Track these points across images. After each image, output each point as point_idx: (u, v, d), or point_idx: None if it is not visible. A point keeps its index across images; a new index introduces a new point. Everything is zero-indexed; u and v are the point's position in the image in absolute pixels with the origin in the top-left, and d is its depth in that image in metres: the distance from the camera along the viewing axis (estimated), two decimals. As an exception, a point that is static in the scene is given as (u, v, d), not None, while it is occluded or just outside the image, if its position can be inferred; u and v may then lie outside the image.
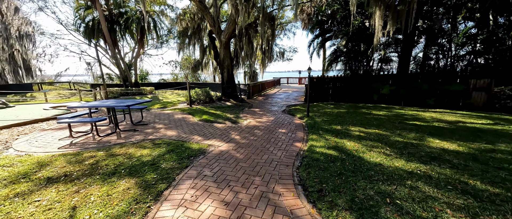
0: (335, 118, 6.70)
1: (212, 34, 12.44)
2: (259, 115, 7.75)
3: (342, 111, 8.06)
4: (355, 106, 9.29)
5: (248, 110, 8.97)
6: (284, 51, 19.68)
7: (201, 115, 7.68)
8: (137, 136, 5.15)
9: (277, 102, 11.18)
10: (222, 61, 11.89)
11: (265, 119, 7.10)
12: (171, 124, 6.44)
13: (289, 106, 9.90)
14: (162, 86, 22.87)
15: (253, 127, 6.00)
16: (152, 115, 7.98)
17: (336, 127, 5.64)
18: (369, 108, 8.61)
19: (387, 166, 3.19)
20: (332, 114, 7.42)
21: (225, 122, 6.60)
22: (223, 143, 4.63)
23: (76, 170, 3.31)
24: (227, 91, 12.17)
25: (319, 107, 9.02)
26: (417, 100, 9.81)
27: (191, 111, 8.59)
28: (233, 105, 10.04)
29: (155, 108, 9.86)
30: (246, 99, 12.24)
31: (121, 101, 5.72)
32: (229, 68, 12.02)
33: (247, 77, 22.83)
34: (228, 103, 10.65)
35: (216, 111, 8.52)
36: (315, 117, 6.94)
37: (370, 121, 6.22)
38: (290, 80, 24.25)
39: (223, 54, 11.73)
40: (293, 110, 8.71)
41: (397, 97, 10.11)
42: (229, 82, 12.13)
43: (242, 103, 10.89)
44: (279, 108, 9.30)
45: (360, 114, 7.47)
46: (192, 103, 10.71)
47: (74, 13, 16.64)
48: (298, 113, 7.93)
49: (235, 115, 7.84)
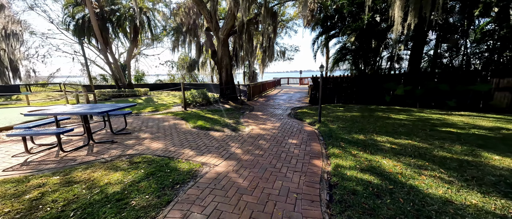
0: (352, 124, 5.66)
1: (209, 31, 11.37)
2: (262, 120, 6.69)
3: (356, 115, 7.03)
4: (367, 109, 8.27)
5: (249, 113, 7.91)
6: (285, 50, 18.65)
7: (196, 120, 6.60)
8: (113, 150, 4.06)
9: (280, 104, 10.14)
10: (220, 60, 10.82)
11: (270, 125, 6.04)
12: (160, 132, 5.36)
13: (294, 109, 8.86)
14: (158, 87, 21.73)
15: (257, 136, 4.94)
16: (139, 120, 6.88)
17: (358, 136, 4.60)
18: (385, 111, 7.59)
19: (461, 205, 2.15)
20: (345, 119, 6.38)
21: (223, 130, 5.53)
22: (220, 159, 3.57)
23: (1, 214, 2.22)
24: (225, 93, 11.10)
25: (328, 111, 7.99)
26: (435, 101, 8.82)
27: (185, 115, 7.50)
28: (232, 109, 8.97)
29: (146, 112, 8.75)
30: (246, 101, 11.18)
31: (95, 107, 4.63)
32: (228, 68, 10.95)
33: (246, 78, 21.77)
34: (227, 106, 9.58)
35: (213, 115, 7.45)
36: (328, 123, 5.90)
37: (395, 128, 5.19)
38: (291, 81, 23.23)
39: (221, 53, 10.66)
40: (300, 113, 7.66)
41: (413, 99, 9.11)
42: (228, 83, 11.05)
43: (242, 106, 9.83)
44: (284, 111, 8.25)
45: (377, 118, 6.44)
46: (187, 106, 9.62)
47: (63, 10, 15.46)
48: (307, 117, 6.88)
49: (235, 120, 6.78)
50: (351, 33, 9.96)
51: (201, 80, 25.84)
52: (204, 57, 15.26)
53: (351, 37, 9.72)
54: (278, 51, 17.70)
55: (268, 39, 12.35)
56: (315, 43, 12.93)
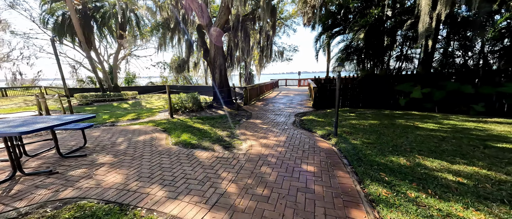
0: (378, 138, 4.38)
1: (201, 29, 9.99)
2: (262, 131, 5.35)
3: (374, 123, 5.76)
4: (383, 115, 7.02)
5: (247, 122, 6.56)
6: (284, 50, 17.37)
7: (180, 132, 5.22)
8: (43, 189, 2.66)
9: (280, 109, 8.82)
10: (212, 59, 9.44)
11: (273, 138, 4.71)
12: (128, 153, 3.95)
13: (298, 115, 7.55)
14: (150, 90, 20.18)
15: (258, 158, 3.59)
16: (110, 133, 5.44)
17: (398, 158, 3.31)
18: (406, 118, 6.34)
19: None
20: (365, 129, 5.10)
21: (213, 147, 4.17)
22: (203, 209, 2.21)
23: None
24: (219, 97, 9.72)
25: (338, 117, 6.71)
26: (457, 105, 7.66)
27: (169, 125, 6.09)
28: (227, 115, 7.60)
29: (124, 120, 7.30)
30: (242, 105, 9.83)
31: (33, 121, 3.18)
32: (222, 69, 9.58)
33: (242, 80, 20.40)
34: (221, 112, 8.20)
35: (203, 125, 6.07)
36: (347, 136, 4.60)
37: (437, 144, 3.93)
38: (289, 82, 21.98)
39: (214, 51, 9.29)
40: (306, 121, 6.35)
41: (432, 102, 7.93)
42: (222, 85, 9.69)
43: (238, 111, 8.47)
44: (286, 118, 6.93)
45: (403, 128, 5.18)
46: (174, 112, 8.21)
47: (40, 6, 13.84)
48: (316, 126, 5.57)
49: (230, 131, 5.42)
50: (359, 29, 8.77)
51: (195, 83, 24.37)
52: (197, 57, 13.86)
53: (359, 33, 8.54)
54: (276, 51, 16.43)
55: (266, 37, 11.04)
56: (318, 41, 11.70)
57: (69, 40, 15.36)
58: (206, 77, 20.90)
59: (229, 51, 10.55)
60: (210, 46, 9.33)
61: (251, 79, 20.41)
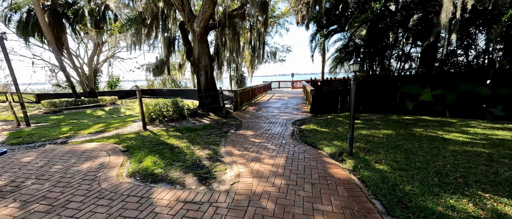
0: (406, 158, 3.25)
1: (184, 26, 8.67)
2: (255, 149, 4.11)
3: (388, 133, 4.68)
4: (392, 121, 5.97)
5: (236, 133, 5.30)
6: (276, 50, 16.27)
7: (145, 153, 3.89)
8: None
9: (275, 115, 7.63)
10: (197, 60, 8.14)
11: (269, 161, 3.48)
12: (48, 197, 2.60)
13: (296, 123, 6.38)
14: (133, 94, 18.48)
15: (247, 201, 2.35)
16: (46, 158, 4.01)
17: (457, 200, 2.17)
18: (421, 125, 5.30)
19: None
20: (382, 143, 3.98)
21: (184, 180, 2.89)
22: None
23: None
24: (205, 102, 8.41)
25: (342, 125, 5.59)
26: (470, 109, 6.76)
27: (135, 141, 4.74)
28: (212, 125, 6.32)
29: (84, 134, 5.86)
30: (232, 111, 8.56)
31: None
32: (208, 70, 8.29)
33: (233, 83, 19.12)
34: (206, 121, 6.90)
35: (180, 140, 4.76)
36: (364, 154, 3.45)
37: (492, 169, 2.84)
38: (282, 84, 20.90)
39: (199, 51, 7.99)
40: (307, 132, 5.17)
41: (443, 106, 6.99)
42: (208, 89, 8.39)
43: (227, 119, 7.20)
44: (283, 128, 5.73)
45: (427, 140, 4.10)
46: (151, 122, 6.84)
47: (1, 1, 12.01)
48: (321, 140, 4.41)
49: (212, 149, 4.14)
50: (359, 26, 7.78)
51: (184, 86, 22.81)
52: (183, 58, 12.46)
53: (361, 30, 7.55)
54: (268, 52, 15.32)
55: (257, 35, 9.86)
56: (313, 40, 10.66)
57: (38, 39, 13.55)
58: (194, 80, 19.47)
59: (216, 51, 9.26)
60: (194, 45, 8.02)
61: (243, 81, 19.17)
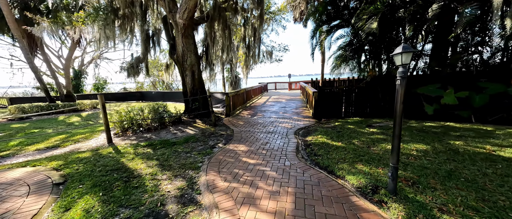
0: (478, 196, 2.06)
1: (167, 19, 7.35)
2: (248, 176, 2.86)
3: (423, 148, 3.50)
4: (416, 130, 4.82)
5: (224, 149, 4.03)
6: (272, 49, 15.08)
7: (86, 188, 2.59)
8: None
9: (273, 122, 6.39)
10: (181, 57, 6.84)
11: (267, 200, 2.23)
12: None
13: (299, 132, 5.15)
14: (120, 97, 16.96)
15: None
16: None
17: None
18: (454, 136, 4.15)
19: None
20: (426, 168, 2.80)
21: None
22: None
23: None
24: (192, 107, 7.12)
25: (357, 135, 4.40)
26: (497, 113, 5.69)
27: (84, 166, 3.41)
28: (197, 136, 5.03)
29: (31, 151, 4.49)
30: (223, 118, 7.29)
31: None
32: (195, 70, 7.00)
33: (227, 84, 17.81)
34: (190, 131, 5.60)
35: (147, 162, 3.46)
36: (412, 190, 2.24)
37: None
38: (278, 86, 19.71)
39: (183, 47, 6.70)
40: (316, 147, 3.94)
41: (469, 109, 5.90)
42: (195, 91, 7.10)
43: (216, 127, 5.93)
44: (284, 139, 4.50)
45: (479, 160, 2.94)
46: (124, 132, 5.51)
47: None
48: (337, 160, 3.19)
49: (188, 180, 2.87)
50: (369, 18, 6.68)
51: (176, 88, 21.29)
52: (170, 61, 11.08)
53: (371, 23, 6.45)
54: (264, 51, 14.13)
55: (252, 32, 8.63)
56: (314, 37, 9.50)
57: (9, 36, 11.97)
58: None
59: (205, 47, 7.97)
60: (177, 40, 6.73)
61: (237, 83, 17.89)
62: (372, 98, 7.48)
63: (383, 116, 7.39)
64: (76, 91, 19.19)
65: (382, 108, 7.50)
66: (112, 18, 6.09)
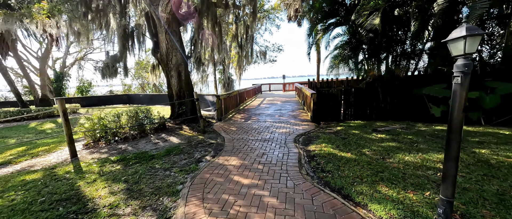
0: None
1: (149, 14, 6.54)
2: (240, 205, 2.15)
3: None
4: (429, 136, 4.27)
5: (212, 164, 3.30)
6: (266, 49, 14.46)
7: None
8: None
9: (269, 127, 5.71)
10: (165, 56, 6.06)
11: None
12: None
13: (298, 139, 4.49)
14: (106, 101, 15.82)
15: None
16: None
17: None
18: (475, 142, 3.61)
19: None
20: (469, 190, 2.18)
21: None
22: None
23: None
24: (178, 111, 6.33)
25: (365, 143, 3.79)
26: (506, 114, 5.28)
27: (24, 194, 2.58)
28: (181, 147, 4.26)
29: (-30, 171, 3.57)
30: (214, 122, 6.54)
31: None
32: (181, 70, 6.23)
33: (220, 86, 17.02)
34: (174, 139, 4.82)
35: (112, 185, 2.68)
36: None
37: None
38: (273, 87, 19.13)
39: (167, 44, 5.92)
40: (322, 159, 3.28)
41: (482, 111, 5.45)
42: (182, 94, 6.32)
43: (205, 134, 5.18)
44: (283, 149, 3.82)
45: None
46: (96, 142, 4.66)
47: None
48: (353, 181, 2.54)
49: (160, 214, 2.12)
50: (370, 14, 6.16)
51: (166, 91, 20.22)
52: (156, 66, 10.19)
53: (372, 18, 5.93)
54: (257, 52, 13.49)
55: (245, 30, 7.95)
56: (310, 35, 8.94)
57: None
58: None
59: (193, 45, 7.20)
60: (161, 37, 5.94)
61: (231, 84, 17.14)
62: (373, 100, 6.98)
63: (385, 118, 6.90)
64: (57, 94, 17.82)
65: (383, 110, 7.01)
66: (83, 11, 5.23)
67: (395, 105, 6.75)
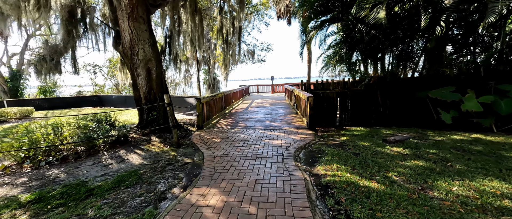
0: None
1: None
2: None
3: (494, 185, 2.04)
4: (449, 147, 3.49)
5: (180, 205, 2.14)
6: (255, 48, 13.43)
7: None
8: None
9: (260, 138, 4.63)
10: (129, 49, 4.73)
11: None
12: None
13: (298, 154, 3.48)
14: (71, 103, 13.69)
15: None
16: None
17: None
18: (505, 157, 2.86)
19: None
20: None
21: None
22: None
23: None
24: (148, 119, 5.02)
25: (383, 159, 2.87)
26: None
27: None
28: (141, 171, 3.02)
29: None
30: (194, 131, 5.32)
31: None
32: (152, 67, 4.94)
33: (205, 87, 15.62)
34: (135, 159, 3.54)
35: None
36: None
37: None
38: (261, 89, 18.13)
39: (131, 34, 4.61)
40: (335, 188, 2.27)
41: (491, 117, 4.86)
42: (152, 97, 5.02)
43: (180, 149, 3.97)
44: (283, 174, 2.77)
45: None
46: (19, 165, 3.23)
47: None
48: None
49: None
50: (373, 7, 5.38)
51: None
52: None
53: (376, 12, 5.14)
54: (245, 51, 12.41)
55: (231, 22, 6.82)
56: (304, 32, 8.06)
57: None
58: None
59: (168, 39, 5.90)
60: (123, 25, 4.60)
61: (216, 85, 15.83)
62: (371, 104, 6.25)
63: (385, 124, 6.18)
64: (14, 95, 15.25)
65: (382, 115, 6.29)
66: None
67: (395, 109, 6.06)
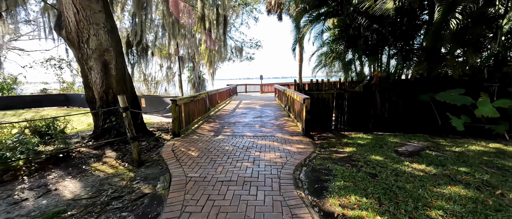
0: None
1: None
2: None
3: None
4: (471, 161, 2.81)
5: None
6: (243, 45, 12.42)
7: None
8: None
9: (249, 149, 3.69)
10: (75, 34, 3.53)
11: None
12: None
13: (298, 174, 2.60)
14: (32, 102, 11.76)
15: None
16: None
17: None
18: None
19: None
20: None
21: None
22: None
23: None
24: (104, 126, 3.85)
25: (408, 183, 2.09)
26: None
27: None
28: (68, 213, 1.95)
29: None
30: (167, 141, 4.25)
31: None
32: (110, 59, 3.78)
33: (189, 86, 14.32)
34: (68, 188, 2.44)
35: None
36: None
37: None
38: (249, 88, 17.17)
39: (77, 14, 3.41)
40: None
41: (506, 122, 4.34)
42: (111, 97, 3.86)
43: (140, 167, 2.91)
44: (283, 214, 1.86)
45: None
46: None
47: None
48: None
49: None
50: (377, -3, 4.67)
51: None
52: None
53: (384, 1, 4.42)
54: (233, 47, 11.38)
55: (215, 11, 5.78)
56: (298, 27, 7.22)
57: None
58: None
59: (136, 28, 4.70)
60: (66, 2, 3.40)
61: (202, 84, 14.61)
62: (370, 106, 5.60)
63: (386, 129, 5.56)
64: None
65: (381, 118, 5.66)
66: None
67: (395, 113, 5.46)
